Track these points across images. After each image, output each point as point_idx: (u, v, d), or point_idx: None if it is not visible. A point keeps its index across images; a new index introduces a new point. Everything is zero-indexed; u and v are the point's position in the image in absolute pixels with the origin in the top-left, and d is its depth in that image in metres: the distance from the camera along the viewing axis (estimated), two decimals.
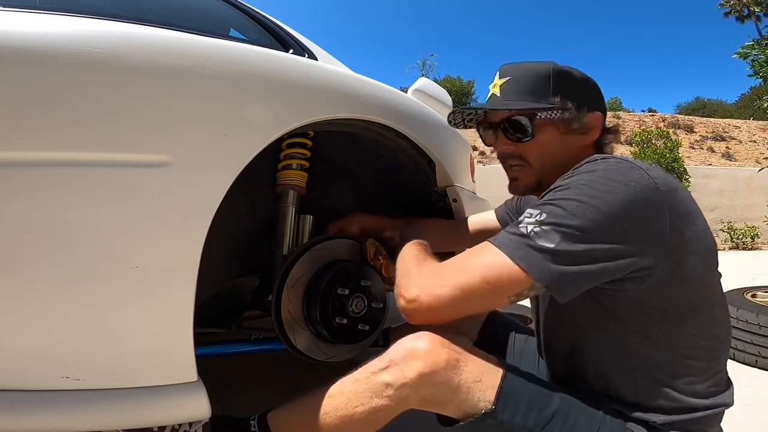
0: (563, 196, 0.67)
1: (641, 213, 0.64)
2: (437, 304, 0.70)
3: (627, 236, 0.64)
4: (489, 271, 0.66)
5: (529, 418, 0.67)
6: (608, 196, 0.64)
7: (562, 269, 0.63)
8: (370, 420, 0.69)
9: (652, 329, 0.69)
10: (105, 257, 0.64)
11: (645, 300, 0.68)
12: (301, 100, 0.85)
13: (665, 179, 0.68)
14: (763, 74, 3.24)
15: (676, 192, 0.68)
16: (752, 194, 7.99)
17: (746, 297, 2.01)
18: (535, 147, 0.81)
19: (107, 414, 0.65)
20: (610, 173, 0.66)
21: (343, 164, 1.24)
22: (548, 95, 0.79)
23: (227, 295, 1.20)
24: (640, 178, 0.65)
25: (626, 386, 0.72)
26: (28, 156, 0.60)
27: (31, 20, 0.65)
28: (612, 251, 0.64)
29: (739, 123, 14.61)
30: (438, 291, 0.70)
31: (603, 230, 0.63)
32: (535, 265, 0.64)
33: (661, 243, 0.65)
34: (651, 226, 0.65)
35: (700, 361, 0.71)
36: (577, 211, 0.64)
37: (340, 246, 1.08)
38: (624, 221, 0.64)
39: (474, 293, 0.67)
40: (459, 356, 0.69)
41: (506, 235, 0.68)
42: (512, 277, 0.65)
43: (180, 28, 0.80)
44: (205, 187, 0.71)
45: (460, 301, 0.69)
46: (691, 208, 0.70)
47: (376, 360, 0.71)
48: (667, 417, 0.70)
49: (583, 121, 0.80)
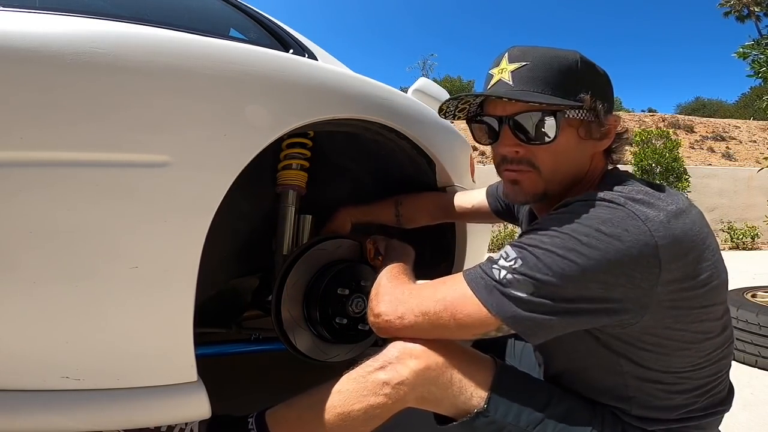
0: (541, 244, 0.61)
1: (627, 268, 0.58)
2: (400, 326, 0.70)
3: (609, 290, 0.59)
4: (457, 307, 0.65)
5: (521, 417, 0.67)
6: (592, 252, 0.58)
7: (532, 316, 0.61)
8: (367, 418, 0.69)
9: (645, 358, 0.67)
10: (105, 257, 0.64)
11: (635, 337, 0.65)
12: (301, 101, 0.85)
13: (669, 227, 0.59)
14: (762, 74, 3.24)
15: (680, 241, 0.59)
16: (752, 194, 7.99)
17: (746, 297, 2.01)
18: (551, 152, 0.69)
19: (107, 414, 0.65)
20: (601, 222, 0.59)
21: (343, 164, 1.24)
22: (575, 91, 0.67)
23: (227, 295, 1.20)
24: (636, 231, 0.58)
25: (620, 402, 0.71)
26: (28, 156, 0.60)
27: (31, 20, 0.65)
28: (586, 309, 0.60)
29: (739, 123, 14.61)
30: (403, 312, 0.70)
31: (580, 287, 0.59)
32: (504, 310, 0.62)
33: (648, 294, 0.60)
34: (639, 281, 0.59)
35: (698, 379, 0.68)
36: (553, 265, 0.59)
37: (340, 246, 1.08)
38: (607, 277, 0.58)
39: (439, 324, 0.67)
40: (454, 355, 0.70)
41: (480, 274, 0.65)
42: (480, 318, 0.64)
43: (180, 28, 0.80)
44: (205, 187, 0.71)
45: (423, 327, 0.69)
46: (702, 249, 0.62)
47: (373, 359, 0.72)
48: (663, 426, 0.69)
49: (605, 125, 0.70)
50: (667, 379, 0.67)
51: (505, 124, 0.70)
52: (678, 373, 0.67)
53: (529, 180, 0.71)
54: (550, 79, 0.67)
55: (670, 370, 0.67)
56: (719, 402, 0.72)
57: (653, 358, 0.66)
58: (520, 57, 0.68)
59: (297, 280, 1.01)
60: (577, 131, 0.69)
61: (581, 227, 0.60)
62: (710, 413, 0.70)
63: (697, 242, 0.61)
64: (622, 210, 0.60)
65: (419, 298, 0.70)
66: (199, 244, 0.69)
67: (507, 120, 0.69)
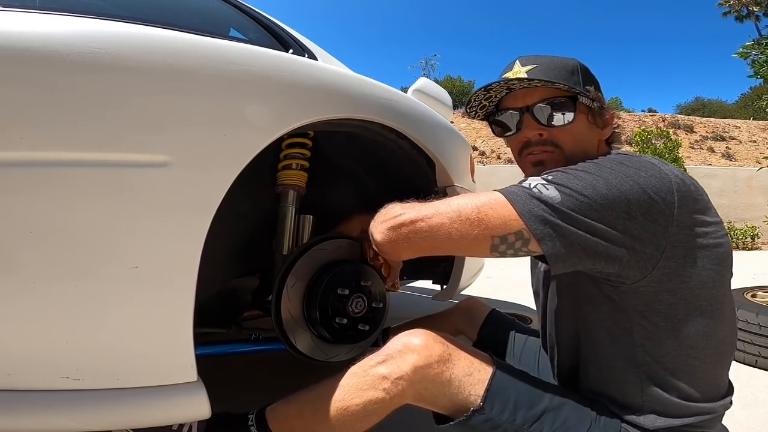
0: (574, 168, 0.67)
1: (648, 196, 0.63)
2: (418, 216, 0.70)
3: (630, 217, 0.62)
4: (483, 202, 0.67)
5: (517, 415, 0.68)
6: (618, 175, 0.64)
7: (555, 222, 0.62)
8: (366, 413, 0.69)
9: (659, 324, 0.68)
10: (105, 257, 0.64)
11: (651, 293, 0.67)
12: (300, 100, 0.85)
13: (680, 174, 0.67)
14: (762, 74, 3.24)
15: (690, 187, 0.67)
16: (752, 194, 8.00)
17: (746, 297, 2.00)
18: (570, 132, 0.78)
19: (107, 414, 0.65)
20: (623, 159, 0.67)
21: (343, 164, 1.24)
22: (580, 84, 0.78)
23: (227, 295, 1.20)
24: (651, 167, 0.65)
25: (627, 385, 0.71)
26: (28, 156, 0.60)
27: (31, 20, 0.65)
28: (607, 235, 0.63)
29: (739, 123, 14.61)
30: (423, 207, 0.71)
31: (607, 205, 0.62)
32: (530, 211, 0.63)
33: (665, 234, 0.64)
34: (656, 214, 0.63)
35: (705, 363, 0.70)
36: (583, 178, 0.64)
37: (340, 246, 1.08)
38: (630, 200, 0.62)
39: (461, 215, 0.67)
40: (452, 352, 0.70)
41: (509, 186, 0.69)
42: (503, 216, 0.65)
43: (180, 28, 0.80)
44: (205, 187, 0.71)
45: (442, 218, 0.68)
46: (706, 206, 0.69)
47: (373, 355, 0.72)
48: (665, 420, 0.69)
49: (606, 115, 0.81)
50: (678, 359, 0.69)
51: (526, 113, 0.79)
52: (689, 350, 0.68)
53: (552, 159, 0.78)
54: (561, 76, 0.77)
55: (682, 345, 0.68)
56: (720, 397, 0.72)
57: (667, 326, 0.68)
58: (531, 62, 0.79)
59: (297, 280, 1.01)
60: (587, 117, 0.79)
61: (606, 161, 0.67)
62: (711, 411, 0.70)
63: (702, 197, 0.69)
64: (638, 157, 0.69)
65: (443, 200, 0.71)
66: (199, 244, 0.69)
67: (528, 109, 0.78)
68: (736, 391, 0.76)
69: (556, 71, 0.77)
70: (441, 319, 1.21)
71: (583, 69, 0.80)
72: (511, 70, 0.80)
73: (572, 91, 0.76)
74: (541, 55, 0.80)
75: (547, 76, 0.76)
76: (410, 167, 1.22)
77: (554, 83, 0.75)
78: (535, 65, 0.78)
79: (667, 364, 0.69)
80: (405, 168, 1.23)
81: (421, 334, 0.72)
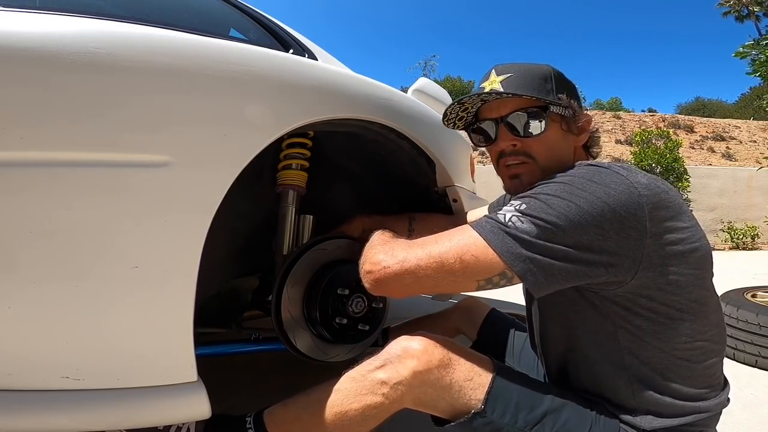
0: (544, 191, 0.68)
1: (618, 214, 0.64)
2: (400, 270, 0.69)
3: (604, 237, 0.64)
4: (463, 248, 0.67)
5: (519, 418, 0.68)
6: (588, 197, 0.64)
7: (535, 257, 0.64)
8: (364, 417, 0.69)
9: (641, 327, 0.69)
10: (105, 257, 0.64)
11: (630, 299, 0.68)
12: (301, 100, 0.85)
13: (648, 184, 0.67)
14: (762, 73, 3.24)
15: (659, 196, 0.66)
16: (752, 194, 7.99)
17: (746, 297, 2.00)
18: (543, 142, 0.79)
19: (107, 414, 0.65)
20: (591, 175, 0.67)
21: (344, 164, 1.24)
22: (553, 92, 0.79)
23: (227, 295, 1.20)
24: (619, 182, 0.66)
25: (619, 387, 0.72)
26: (28, 156, 0.60)
27: (31, 20, 0.65)
28: (584, 259, 0.64)
29: (739, 123, 14.61)
30: (404, 257, 0.70)
31: (581, 229, 0.63)
32: (509, 251, 0.64)
33: (639, 247, 0.65)
34: (630, 230, 0.64)
35: (694, 362, 0.70)
36: (555, 207, 0.64)
37: (340, 246, 1.08)
38: (602, 221, 0.63)
39: (444, 266, 0.67)
40: (452, 356, 0.70)
41: (485, 220, 0.69)
42: (485, 260, 0.65)
43: (180, 29, 0.80)
44: (205, 187, 0.71)
45: (425, 271, 0.68)
46: (679, 211, 0.68)
47: (372, 359, 0.72)
48: (661, 421, 0.69)
49: (580, 122, 0.81)
50: (665, 360, 0.69)
51: (501, 124, 0.81)
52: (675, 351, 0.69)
53: (527, 171, 0.80)
54: (534, 84, 0.78)
55: (667, 346, 0.69)
56: (714, 395, 0.72)
57: (651, 329, 0.69)
58: (506, 70, 0.80)
59: (297, 280, 1.01)
60: (560, 125, 0.80)
61: (576, 180, 0.68)
62: (706, 410, 0.70)
63: (673, 203, 0.68)
64: (607, 169, 0.69)
65: (422, 244, 0.71)
66: (199, 244, 0.69)
67: (502, 120, 0.80)
68: (736, 391, 0.76)
69: (529, 79, 0.78)
70: (441, 319, 1.21)
71: (557, 75, 0.81)
72: (487, 80, 0.81)
73: (543, 101, 0.77)
74: (516, 63, 0.82)
75: (519, 85, 0.77)
76: (410, 167, 1.22)
77: (521, 96, 0.76)
78: (509, 74, 0.79)
79: (655, 365, 0.70)
80: (405, 168, 1.23)
81: (420, 338, 0.71)
